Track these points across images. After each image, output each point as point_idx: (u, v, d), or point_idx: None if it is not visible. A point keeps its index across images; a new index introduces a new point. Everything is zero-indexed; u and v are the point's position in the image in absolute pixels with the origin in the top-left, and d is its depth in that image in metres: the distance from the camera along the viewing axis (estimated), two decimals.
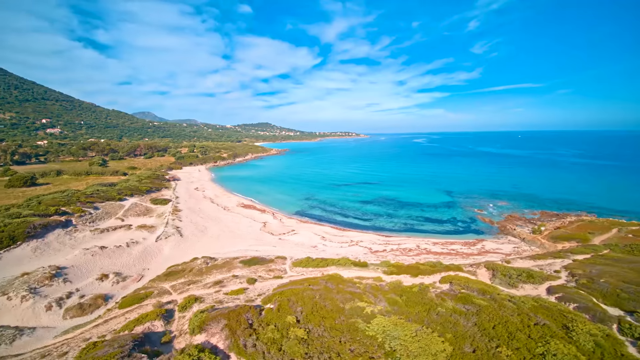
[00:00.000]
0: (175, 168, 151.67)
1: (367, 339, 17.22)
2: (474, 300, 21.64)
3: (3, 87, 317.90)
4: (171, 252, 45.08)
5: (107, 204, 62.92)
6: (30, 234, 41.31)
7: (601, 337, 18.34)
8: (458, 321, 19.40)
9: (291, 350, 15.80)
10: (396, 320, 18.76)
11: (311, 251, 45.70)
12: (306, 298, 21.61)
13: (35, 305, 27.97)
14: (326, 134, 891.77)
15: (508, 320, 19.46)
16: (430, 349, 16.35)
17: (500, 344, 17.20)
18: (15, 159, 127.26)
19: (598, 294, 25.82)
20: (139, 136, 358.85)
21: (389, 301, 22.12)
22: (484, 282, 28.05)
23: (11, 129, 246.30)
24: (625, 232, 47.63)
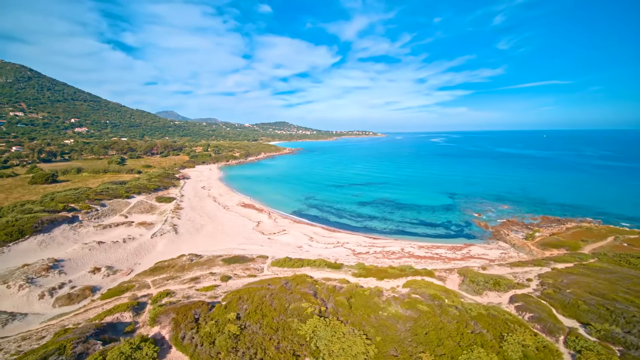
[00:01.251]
0: (188, 167, 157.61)
1: (297, 338, 18.33)
2: (418, 306, 22.17)
3: (37, 88, 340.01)
4: (164, 249, 47.77)
5: (114, 201, 67.05)
6: (38, 228, 45.18)
7: (534, 349, 18.53)
8: (394, 325, 20.10)
9: (220, 345, 17.19)
10: (330, 321, 19.73)
11: (295, 251, 47.03)
12: (256, 297, 22.96)
13: (30, 294, 31.00)
14: (343, 133, 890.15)
15: (444, 327, 19.94)
16: (352, 350, 17.24)
17: (426, 349, 17.81)
18: (42, 157, 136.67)
19: (559, 304, 25.53)
20: (160, 135, 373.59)
21: (337, 303, 23.05)
22: (443, 288, 28.28)
23: (43, 128, 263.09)
24: (621, 240, 45.61)
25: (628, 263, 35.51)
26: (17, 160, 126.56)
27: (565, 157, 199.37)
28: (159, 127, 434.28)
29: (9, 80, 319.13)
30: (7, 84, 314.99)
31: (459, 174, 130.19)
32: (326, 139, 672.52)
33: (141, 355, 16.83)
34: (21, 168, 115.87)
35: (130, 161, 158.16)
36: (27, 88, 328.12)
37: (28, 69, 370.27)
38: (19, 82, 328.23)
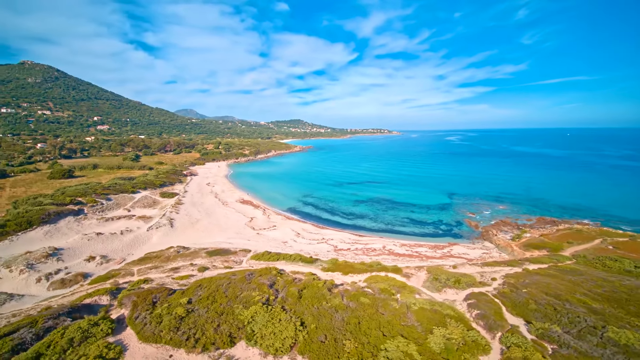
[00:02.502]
0: (198, 164, 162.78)
1: (236, 322, 20.13)
2: (360, 299, 23.44)
3: (63, 88, 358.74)
4: (158, 241, 50.87)
5: (119, 195, 71.29)
6: (45, 220, 49.27)
7: (460, 342, 19.50)
8: (332, 315, 21.51)
9: (164, 324, 19.23)
10: (272, 309, 21.39)
11: (279, 246, 48.92)
12: (214, 285, 24.95)
13: (29, 278, 34.43)
14: (357, 131, 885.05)
15: (377, 318, 21.19)
16: (282, 335, 18.86)
17: (352, 337, 19.17)
18: (63, 153, 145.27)
19: (510, 303, 26.07)
20: (178, 132, 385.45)
21: (288, 293, 24.66)
22: (402, 284, 29.28)
23: (67, 126, 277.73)
24: (608, 243, 44.59)
25: (603, 265, 35.06)
26: (40, 157, 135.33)
27: (583, 157, 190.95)
28: (176, 125, 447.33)
29: (37, 81, 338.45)
30: (36, 84, 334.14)
31: (465, 174, 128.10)
32: (339, 137, 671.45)
33: (97, 330, 19.12)
34: (43, 164, 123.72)
35: (144, 158, 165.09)
36: (54, 88, 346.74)
37: (55, 70, 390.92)
38: (46, 82, 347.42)
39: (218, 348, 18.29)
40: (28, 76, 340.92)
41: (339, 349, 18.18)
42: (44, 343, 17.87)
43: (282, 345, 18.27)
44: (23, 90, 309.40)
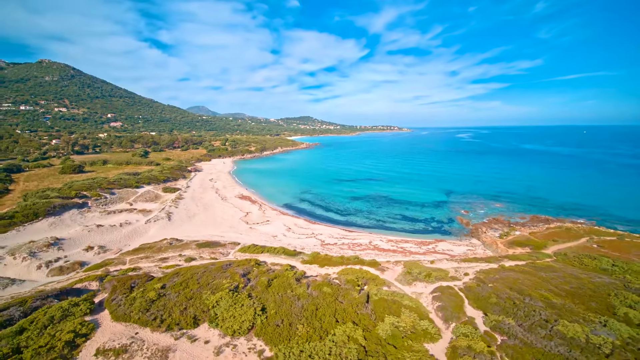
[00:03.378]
0: (204, 160, 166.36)
1: (202, 306, 21.81)
2: (323, 289, 24.77)
3: (79, 86, 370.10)
4: (155, 233, 53.35)
5: (123, 190, 74.44)
6: (50, 212, 52.35)
7: (408, 330, 20.67)
8: (293, 302, 22.94)
9: (135, 306, 21.05)
10: (237, 295, 22.97)
11: (268, 240, 50.65)
12: (189, 273, 26.75)
13: (30, 265, 37.13)
14: (367, 128, 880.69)
15: (335, 306, 22.52)
16: (241, 318, 20.43)
17: (306, 322, 20.57)
18: (75, 149, 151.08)
19: (473, 296, 26.93)
20: (188, 129, 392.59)
21: (258, 282, 26.22)
22: (373, 276, 30.42)
23: (82, 123, 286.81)
24: (594, 241, 44.40)
25: (580, 263, 35.27)
26: (54, 152, 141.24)
27: (594, 155, 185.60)
28: (187, 121, 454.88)
29: (54, 79, 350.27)
30: (53, 82, 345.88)
31: (468, 172, 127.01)
32: (348, 134, 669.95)
33: (76, 310, 21.13)
34: (57, 159, 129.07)
35: (153, 154, 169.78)
36: (70, 85, 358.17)
37: (71, 68, 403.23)
38: (63, 80, 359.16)
39: (181, 328, 20.01)
40: (45, 74, 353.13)
41: (292, 333, 19.62)
42: (28, 319, 19.96)
43: (239, 328, 19.84)
44: (41, 88, 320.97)
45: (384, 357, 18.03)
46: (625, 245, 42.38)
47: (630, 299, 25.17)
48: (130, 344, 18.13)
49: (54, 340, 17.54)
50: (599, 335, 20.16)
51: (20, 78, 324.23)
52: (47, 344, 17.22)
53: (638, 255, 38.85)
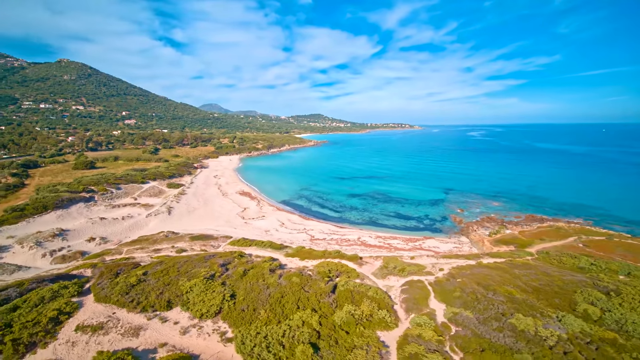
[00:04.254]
0: (211, 157, 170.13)
1: (177, 291, 23.73)
2: (292, 279, 26.30)
3: (95, 84, 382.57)
4: (155, 226, 56.08)
5: (129, 185, 77.88)
6: (59, 205, 55.78)
7: (364, 319, 21.97)
8: (262, 290, 24.58)
9: (116, 289, 23.14)
10: (211, 282, 24.78)
11: (260, 234, 52.53)
12: (171, 262, 28.78)
13: (36, 253, 40.18)
14: (377, 126, 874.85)
15: (300, 295, 24.03)
16: (209, 302, 22.21)
17: (268, 307, 22.18)
18: (89, 146, 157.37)
19: (439, 290, 27.96)
20: (199, 127, 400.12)
21: (234, 272, 27.99)
22: (348, 269, 31.70)
23: (98, 120, 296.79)
24: (582, 241, 44.25)
25: (559, 261, 35.54)
26: (69, 149, 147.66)
27: (607, 154, 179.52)
28: (199, 119, 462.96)
29: (72, 78, 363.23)
30: (71, 81, 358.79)
31: (471, 170, 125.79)
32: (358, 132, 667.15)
33: (65, 292, 23.40)
34: (71, 156, 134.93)
35: (163, 151, 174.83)
36: (87, 84, 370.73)
37: (88, 67, 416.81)
38: (80, 79, 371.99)
39: (155, 310, 21.97)
40: (64, 73, 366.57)
41: (254, 317, 21.28)
42: (23, 299, 22.34)
43: (207, 311, 21.63)
44: (59, 87, 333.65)
45: (334, 341, 19.44)
46: (612, 245, 42.10)
47: (594, 296, 25.65)
48: (107, 322, 20.18)
49: (40, 316, 19.75)
50: (548, 329, 20.96)
51: (40, 77, 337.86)
52: (33, 319, 19.43)
53: (622, 255, 38.67)
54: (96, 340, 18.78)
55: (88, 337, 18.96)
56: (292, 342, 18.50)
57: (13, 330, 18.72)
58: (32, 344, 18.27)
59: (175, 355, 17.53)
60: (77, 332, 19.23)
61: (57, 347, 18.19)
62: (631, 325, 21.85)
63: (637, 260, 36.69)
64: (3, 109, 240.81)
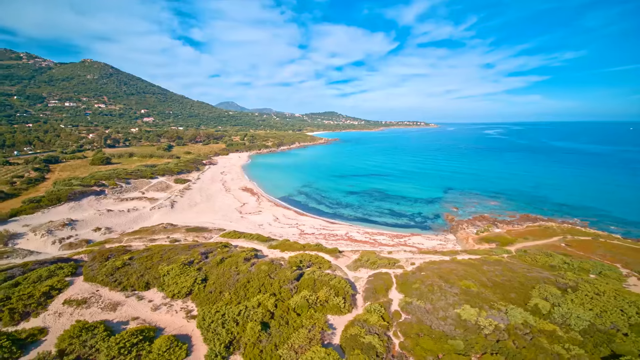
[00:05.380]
0: (222, 154, 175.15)
1: (156, 273, 26.51)
2: (261, 267, 28.54)
3: (116, 83, 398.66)
4: (157, 219, 59.82)
5: (139, 180, 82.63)
6: (71, 197, 60.51)
7: (318, 303, 23.96)
8: (232, 275, 26.98)
9: (102, 271, 26.14)
10: (187, 267, 27.42)
11: (253, 228, 55.17)
12: (156, 249, 31.67)
13: (47, 240, 44.35)
14: (392, 124, 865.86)
15: (264, 281, 26.26)
16: (181, 284, 24.81)
17: (232, 290, 24.55)
18: (108, 143, 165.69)
19: (402, 282, 29.55)
20: (214, 124, 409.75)
21: (213, 260, 30.55)
22: (322, 260, 33.68)
23: (118, 118, 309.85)
24: (565, 240, 44.20)
25: (532, 259, 36.08)
26: (89, 146, 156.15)
27: (627, 154, 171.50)
28: (214, 117, 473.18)
29: (95, 77, 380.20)
30: (94, 80, 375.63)
31: (477, 169, 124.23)
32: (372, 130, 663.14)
33: (60, 272, 26.65)
34: (90, 152, 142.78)
35: (176, 148, 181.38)
36: (109, 83, 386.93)
37: (110, 67, 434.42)
38: (102, 78, 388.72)
39: (134, 290, 24.80)
40: (88, 73, 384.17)
41: (219, 298, 23.71)
42: (24, 277, 25.71)
43: (179, 292, 24.25)
44: (83, 86, 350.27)
45: (285, 321, 21.57)
46: (594, 245, 41.90)
47: (549, 292, 26.52)
48: (90, 298, 23.16)
49: (35, 290, 22.92)
50: (488, 319, 22.25)
51: (65, 77, 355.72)
52: (29, 293, 22.61)
53: (602, 255, 38.61)
54: (79, 312, 21.74)
55: (73, 309, 21.94)
56: (245, 320, 20.78)
57: (12, 301, 21.93)
58: (26, 313, 21.40)
59: (142, 327, 20.18)
60: (64, 305, 22.26)
61: (46, 316, 21.24)
62: (574, 319, 22.77)
63: (615, 260, 36.69)
64: (32, 107, 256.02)
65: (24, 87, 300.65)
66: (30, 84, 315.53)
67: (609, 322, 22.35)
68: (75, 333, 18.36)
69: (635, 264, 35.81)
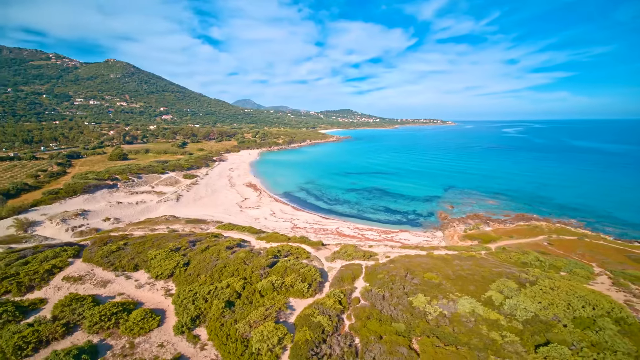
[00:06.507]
0: (233, 151, 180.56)
1: (145, 258, 29.76)
2: (239, 254, 31.28)
3: (137, 82, 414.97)
4: (163, 211, 64.11)
5: (150, 175, 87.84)
6: (86, 190, 65.77)
7: (282, 287, 26.43)
8: (212, 261, 29.87)
9: (98, 253, 29.68)
10: (173, 253, 30.55)
11: (249, 221, 58.26)
12: (149, 237, 35.06)
13: (61, 228, 49.15)
14: (407, 121, 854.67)
15: (239, 266, 28.97)
16: (165, 267, 27.92)
17: (208, 274, 27.40)
18: (126, 139, 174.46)
19: (369, 272, 31.52)
20: (230, 122, 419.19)
21: (198, 248, 33.62)
22: (300, 250, 36.07)
23: (139, 116, 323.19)
24: (548, 240, 44.49)
25: (507, 256, 36.91)
26: (109, 142, 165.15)
27: None
28: (230, 114, 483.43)
29: (117, 76, 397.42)
30: (117, 79, 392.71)
31: (483, 168, 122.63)
32: (387, 127, 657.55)
33: (63, 254, 30.40)
34: (110, 148, 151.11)
35: (190, 145, 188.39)
36: (130, 82, 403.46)
37: (132, 66, 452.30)
38: (124, 77, 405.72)
39: (124, 270, 28.13)
40: (111, 72, 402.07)
41: (195, 280, 26.63)
42: (33, 257, 29.61)
43: (162, 274, 27.35)
44: (106, 85, 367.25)
45: (249, 301, 24.19)
46: (576, 244, 42.00)
47: (506, 285, 27.78)
48: (85, 276, 26.65)
49: (40, 268, 26.62)
50: (434, 307, 23.99)
51: (90, 76, 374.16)
52: (34, 270, 26.32)
53: (581, 254, 38.84)
54: (75, 287, 25.21)
55: (70, 284, 25.46)
56: (213, 299, 23.55)
57: (20, 276, 25.68)
58: (31, 286, 25.07)
59: (125, 300, 23.34)
60: (63, 281, 25.82)
61: (47, 290, 24.83)
62: (521, 311, 24.09)
63: (593, 259, 37.01)
64: (59, 105, 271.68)
65: (52, 86, 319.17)
66: (58, 83, 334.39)
67: (552, 313, 23.56)
68: (67, 303, 21.68)
69: (612, 263, 36.09)
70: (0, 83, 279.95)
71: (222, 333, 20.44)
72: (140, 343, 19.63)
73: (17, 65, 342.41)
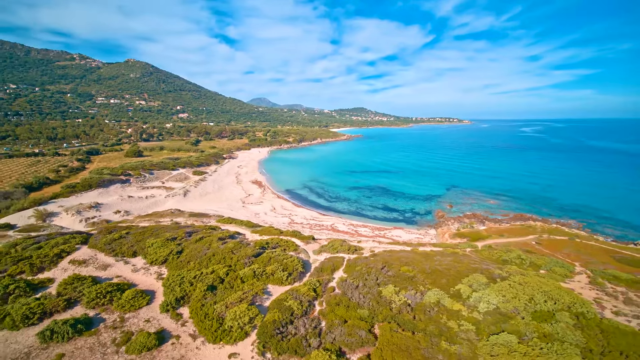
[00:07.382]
0: (244, 149, 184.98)
1: (143, 246, 32.73)
2: (228, 245, 33.76)
3: (156, 81, 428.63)
4: (170, 205, 67.84)
5: (161, 171, 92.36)
6: (100, 184, 70.40)
7: (262, 275, 28.69)
8: (204, 250, 32.49)
9: (102, 240, 32.87)
10: (169, 242, 33.38)
11: (249, 216, 61.04)
12: (150, 227, 38.13)
13: (75, 219, 53.38)
14: (422, 120, 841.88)
15: (226, 255, 31.44)
16: (160, 254, 30.74)
17: (198, 262, 29.99)
18: (143, 137, 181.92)
19: (349, 264, 33.29)
20: (244, 120, 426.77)
21: (193, 238, 36.38)
22: (289, 242, 38.23)
23: (156, 114, 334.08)
24: (538, 239, 44.74)
25: (489, 253, 37.81)
26: (127, 139, 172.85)
27: None
28: (245, 113, 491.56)
29: (137, 76, 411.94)
30: (136, 78, 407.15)
31: (491, 168, 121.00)
32: (400, 126, 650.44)
33: (73, 240, 33.82)
34: (127, 145, 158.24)
35: (203, 142, 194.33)
36: (149, 81, 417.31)
37: (151, 66, 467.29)
38: (144, 77, 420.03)
39: (124, 256, 31.16)
40: (130, 72, 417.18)
41: (185, 266, 29.28)
42: (46, 242, 33.14)
43: (156, 260, 30.18)
44: (126, 84, 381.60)
45: (231, 286, 26.57)
46: (564, 244, 42.09)
47: (477, 280, 28.95)
48: (89, 259, 29.80)
49: (50, 252, 29.98)
50: (399, 296, 25.58)
51: (111, 76, 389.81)
52: (45, 254, 29.70)
53: (567, 254, 39.07)
54: (79, 269, 28.36)
55: (75, 267, 28.64)
56: (197, 282, 26.07)
57: (33, 259, 29.08)
58: (42, 268, 28.39)
59: (120, 282, 26.23)
60: (69, 264, 29.05)
61: (55, 271, 28.08)
62: (483, 303, 25.33)
63: (577, 259, 37.29)
64: (82, 104, 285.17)
65: (76, 85, 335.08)
66: (82, 82, 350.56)
67: (512, 306, 24.68)
68: (70, 281, 24.71)
69: (595, 263, 36.35)
70: (29, 83, 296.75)
71: (201, 312, 22.86)
72: (130, 318, 22.33)
73: (44, 66, 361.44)
